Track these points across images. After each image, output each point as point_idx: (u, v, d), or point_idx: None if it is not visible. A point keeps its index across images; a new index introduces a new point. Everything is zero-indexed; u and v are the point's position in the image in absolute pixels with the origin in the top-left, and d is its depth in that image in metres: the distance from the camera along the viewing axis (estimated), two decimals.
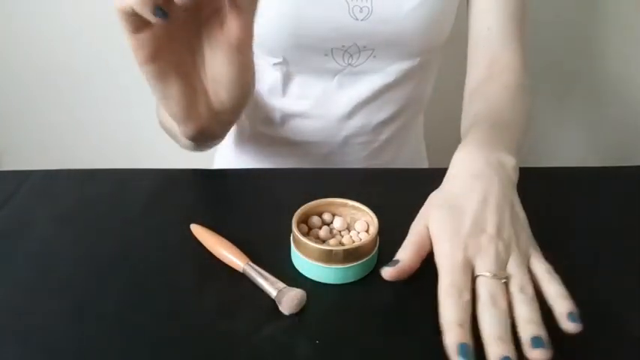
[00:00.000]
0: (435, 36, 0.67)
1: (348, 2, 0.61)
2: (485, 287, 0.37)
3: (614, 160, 1.18)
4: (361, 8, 0.62)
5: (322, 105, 0.70)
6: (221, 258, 0.44)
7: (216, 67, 0.39)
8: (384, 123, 0.73)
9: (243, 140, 0.77)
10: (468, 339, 0.34)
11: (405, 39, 0.64)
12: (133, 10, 0.33)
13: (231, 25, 0.35)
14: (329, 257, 0.42)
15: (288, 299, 0.39)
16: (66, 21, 1.06)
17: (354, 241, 0.44)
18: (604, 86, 1.13)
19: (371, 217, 0.45)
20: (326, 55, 0.65)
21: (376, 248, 0.44)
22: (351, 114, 0.70)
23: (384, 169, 0.65)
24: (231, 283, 0.42)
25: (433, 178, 0.50)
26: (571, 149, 1.21)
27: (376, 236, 0.44)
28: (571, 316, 0.35)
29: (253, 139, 0.76)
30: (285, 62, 0.66)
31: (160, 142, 1.11)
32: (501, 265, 0.38)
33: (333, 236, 0.45)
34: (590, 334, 0.36)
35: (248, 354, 0.37)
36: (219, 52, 0.38)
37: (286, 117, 0.71)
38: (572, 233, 0.49)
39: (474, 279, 0.38)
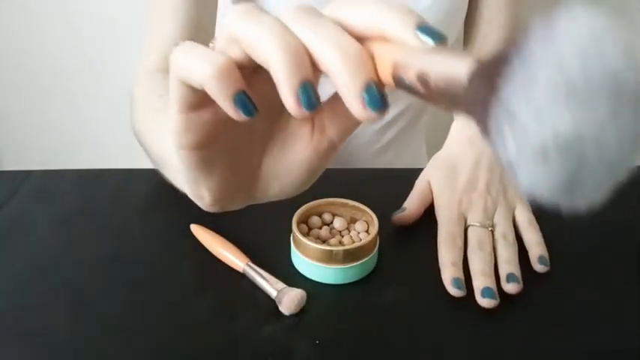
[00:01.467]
0: (448, 34, 0.67)
1: None
2: (474, 234, 0.45)
3: None
4: None
5: None
6: (221, 258, 0.44)
7: (281, 165, 0.28)
8: (387, 124, 0.73)
9: None
10: (460, 274, 0.42)
11: None
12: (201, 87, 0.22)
13: (329, 126, 0.27)
14: (329, 257, 0.42)
15: (288, 299, 0.39)
16: (66, 21, 1.06)
17: (354, 241, 0.44)
18: None
19: (371, 217, 0.45)
20: None
21: (376, 248, 0.44)
22: None
23: (385, 169, 0.65)
24: (231, 283, 0.42)
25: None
26: None
27: (376, 236, 0.44)
28: (541, 260, 0.44)
29: None
30: None
31: None
32: (489, 216, 0.46)
33: (333, 236, 0.45)
34: (589, 333, 0.36)
35: (248, 354, 0.37)
36: (294, 151, 0.28)
37: None
38: (572, 233, 0.49)
39: (466, 228, 0.46)
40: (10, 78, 1.14)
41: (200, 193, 0.30)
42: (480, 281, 0.42)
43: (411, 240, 0.48)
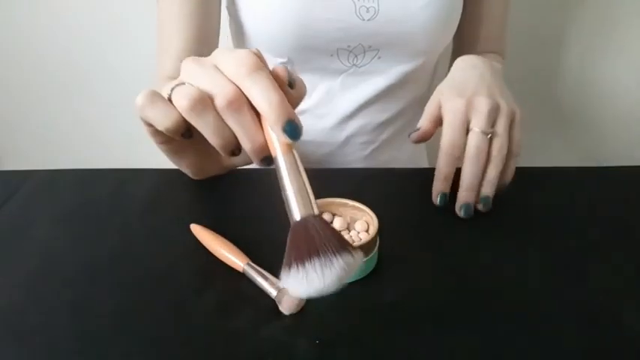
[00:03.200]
0: (442, 36, 0.67)
1: (354, 2, 0.61)
2: (474, 141, 0.48)
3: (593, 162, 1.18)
4: (368, 8, 0.62)
5: (325, 105, 0.70)
6: (221, 258, 0.44)
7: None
8: (385, 123, 0.73)
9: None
10: (447, 190, 0.49)
11: (412, 39, 0.64)
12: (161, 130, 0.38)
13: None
14: None
15: (288, 299, 0.39)
16: (66, 20, 1.06)
17: (354, 241, 0.44)
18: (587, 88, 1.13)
19: (371, 217, 0.45)
20: (331, 55, 0.65)
21: (376, 248, 0.44)
22: (353, 114, 0.70)
23: (384, 169, 0.65)
24: (231, 283, 0.42)
25: (433, 178, 0.50)
26: (552, 151, 1.21)
27: (376, 236, 0.44)
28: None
29: None
30: (289, 62, 0.66)
31: None
32: (490, 123, 0.49)
33: None
34: (588, 334, 0.36)
35: (248, 354, 0.37)
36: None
37: None
38: (572, 233, 0.49)
39: (467, 131, 0.49)
40: (10, 78, 1.14)
41: (183, 169, 0.52)
42: (463, 196, 0.48)
43: (411, 239, 0.48)
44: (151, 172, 0.57)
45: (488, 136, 0.48)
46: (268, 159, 0.36)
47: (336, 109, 0.70)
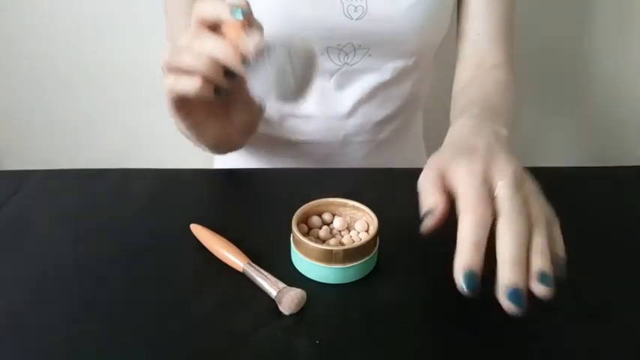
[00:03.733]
0: (431, 35, 0.67)
1: (342, 2, 0.61)
2: (507, 195, 0.35)
3: (597, 161, 1.18)
4: (356, 7, 0.62)
5: (321, 104, 0.70)
6: (221, 258, 0.44)
7: (238, 119, 0.54)
8: (383, 121, 0.73)
9: None
10: (479, 266, 0.32)
11: (401, 38, 0.64)
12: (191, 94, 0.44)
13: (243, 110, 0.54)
14: (329, 257, 0.42)
15: (288, 299, 0.39)
16: (66, 21, 1.06)
17: (354, 241, 0.44)
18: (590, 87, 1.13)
19: (371, 217, 0.45)
20: (322, 54, 0.65)
21: (376, 248, 0.44)
22: (350, 113, 0.70)
23: (384, 168, 0.65)
24: (231, 283, 0.42)
25: None
26: (556, 150, 1.21)
27: (376, 236, 0.44)
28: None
29: (253, 139, 0.76)
30: None
31: (160, 142, 1.11)
32: (518, 183, 0.36)
33: (333, 236, 0.45)
34: (588, 334, 0.36)
35: (248, 354, 0.37)
36: (240, 111, 0.54)
37: (285, 117, 0.71)
38: (572, 233, 0.49)
39: (494, 196, 0.35)
40: (11, 78, 1.14)
41: (203, 144, 0.56)
42: (507, 275, 0.32)
43: (411, 240, 0.48)
44: (151, 172, 0.57)
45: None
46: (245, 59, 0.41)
47: (333, 108, 0.70)
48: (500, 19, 0.67)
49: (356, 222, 0.46)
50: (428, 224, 0.37)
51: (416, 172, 0.56)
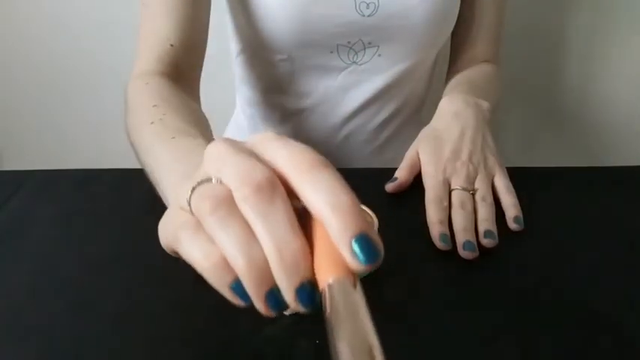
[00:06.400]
0: (441, 30, 0.67)
1: None
2: (458, 197, 0.50)
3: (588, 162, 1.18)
4: (368, 4, 0.62)
5: (324, 104, 0.70)
6: None
7: None
8: (385, 121, 0.73)
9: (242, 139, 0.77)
10: (446, 231, 0.47)
11: (412, 34, 0.64)
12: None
13: None
14: None
15: None
16: (66, 21, 1.06)
17: None
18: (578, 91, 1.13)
19: (371, 217, 0.45)
20: (331, 52, 0.65)
21: None
22: (352, 114, 0.70)
23: (384, 168, 0.65)
24: None
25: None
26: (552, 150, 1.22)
27: None
28: (516, 220, 0.49)
29: None
30: (289, 59, 0.66)
31: None
32: (470, 181, 0.51)
33: None
34: (588, 334, 0.36)
35: (248, 354, 0.37)
36: None
37: (287, 115, 0.71)
38: (571, 233, 0.49)
39: (450, 193, 0.50)
40: (10, 78, 1.14)
41: None
42: (462, 235, 0.46)
43: (411, 240, 0.48)
44: None
45: (471, 192, 0.50)
46: (308, 288, 0.24)
47: (336, 108, 0.70)
48: (493, 17, 0.72)
49: None
50: (390, 187, 0.53)
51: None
